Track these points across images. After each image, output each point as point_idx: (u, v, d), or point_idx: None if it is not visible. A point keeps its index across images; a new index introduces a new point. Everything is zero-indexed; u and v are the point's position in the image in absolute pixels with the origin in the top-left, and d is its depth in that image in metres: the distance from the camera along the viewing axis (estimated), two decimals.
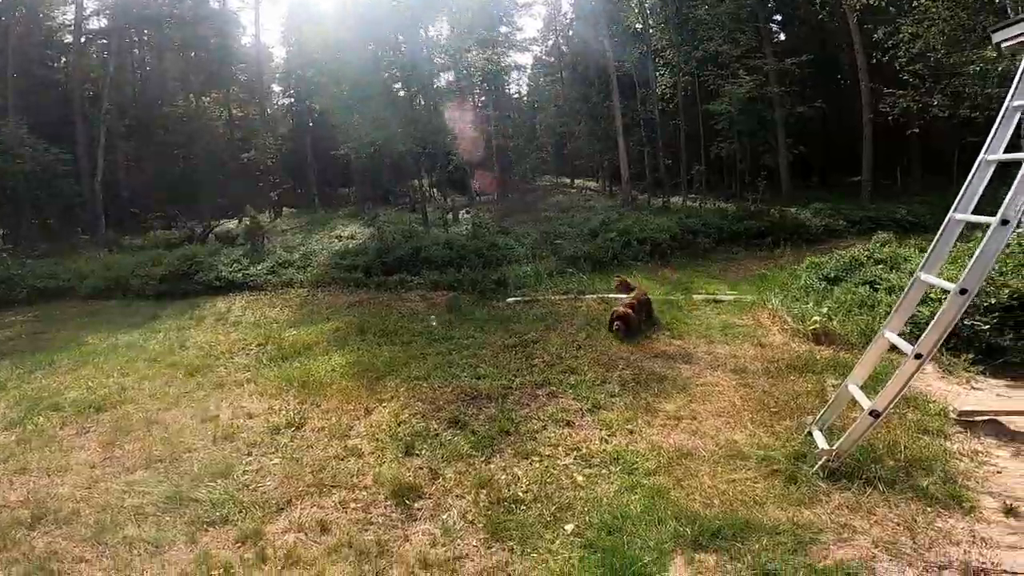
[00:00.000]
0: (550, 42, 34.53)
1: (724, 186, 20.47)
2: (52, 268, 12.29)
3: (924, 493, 3.36)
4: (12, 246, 15.68)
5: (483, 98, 28.43)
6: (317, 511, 3.50)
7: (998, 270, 5.52)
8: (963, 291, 3.12)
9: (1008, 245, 4.43)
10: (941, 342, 3.34)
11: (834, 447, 3.60)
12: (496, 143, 25.41)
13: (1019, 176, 2.96)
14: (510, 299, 9.05)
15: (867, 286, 7.21)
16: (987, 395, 4.76)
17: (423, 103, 23.67)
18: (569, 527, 3.27)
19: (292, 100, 29.04)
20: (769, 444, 4.02)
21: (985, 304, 5.31)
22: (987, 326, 5.22)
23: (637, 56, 20.21)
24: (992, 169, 3.33)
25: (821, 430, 3.89)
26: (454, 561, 3.03)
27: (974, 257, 3.11)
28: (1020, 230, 4.84)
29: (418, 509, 3.52)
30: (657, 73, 20.20)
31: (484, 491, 3.63)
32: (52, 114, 18.57)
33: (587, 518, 3.32)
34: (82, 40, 20.13)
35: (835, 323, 6.38)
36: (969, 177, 3.38)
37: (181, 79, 24.24)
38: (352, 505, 3.57)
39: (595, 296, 8.77)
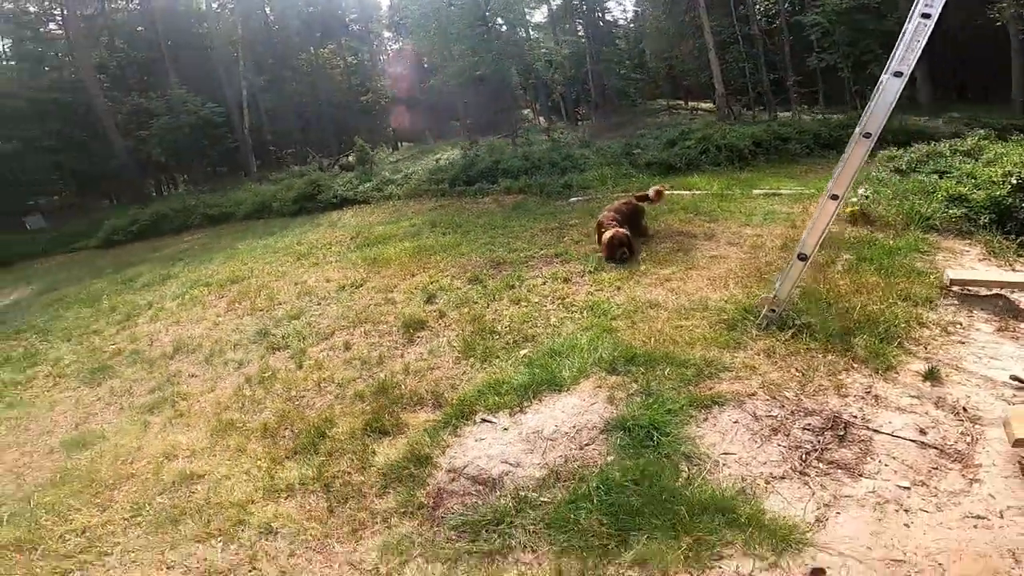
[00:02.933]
0: None
1: (838, 99, 18.37)
2: (217, 199, 15.29)
3: (849, 349, 3.42)
4: (189, 186, 19.63)
5: (581, 29, 28.05)
6: (347, 337, 4.68)
7: None
8: (867, 135, 3.29)
9: None
10: (851, 183, 3.50)
11: (772, 294, 3.80)
12: (594, 69, 25.13)
13: (879, 87, 3.15)
14: (572, 199, 9.69)
15: (936, 175, 6.74)
16: (1003, 272, 4.56)
17: (523, 35, 24.04)
18: (523, 352, 3.93)
19: (401, 44, 30.80)
20: (738, 299, 4.28)
21: None
22: None
23: None
24: None
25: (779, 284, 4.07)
26: (428, 370, 3.91)
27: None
28: None
29: (419, 337, 4.52)
30: None
31: (472, 326, 4.50)
32: (203, 75, 22.06)
33: (541, 347, 3.93)
34: (214, 6, 23.08)
35: (880, 207, 6.20)
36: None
37: (302, 34, 26.90)
38: (373, 334, 4.69)
39: None
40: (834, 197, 3.47)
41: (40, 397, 4.57)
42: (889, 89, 3.34)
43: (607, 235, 5.59)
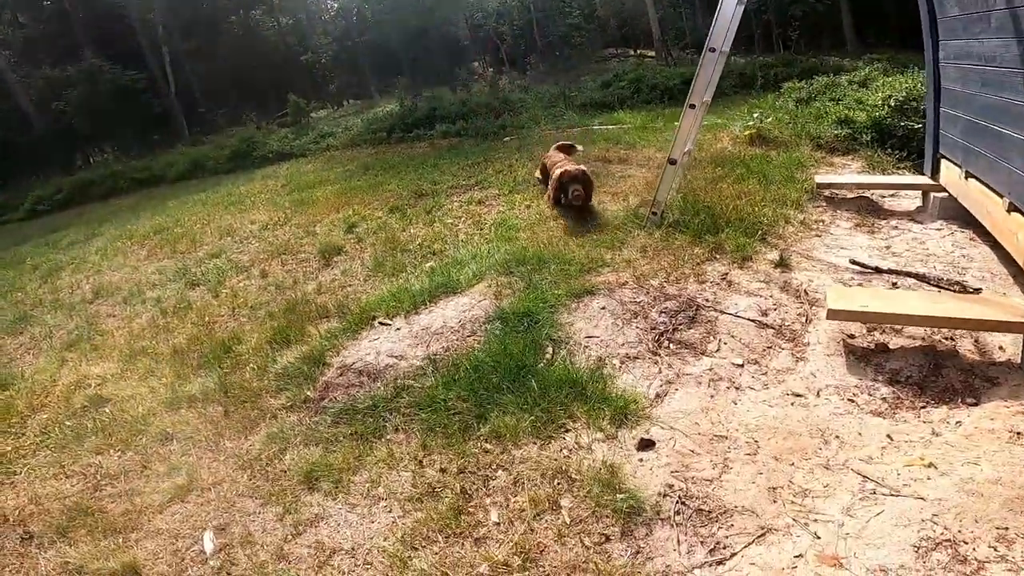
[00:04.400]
0: None
1: (767, 44, 18.74)
2: (146, 163, 14.68)
3: (713, 244, 3.71)
4: (119, 154, 18.72)
5: None
6: (265, 267, 4.79)
7: None
8: (692, 106, 3.96)
9: None
10: (710, 91, 4.01)
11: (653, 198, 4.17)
12: (539, 18, 24.88)
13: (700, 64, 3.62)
14: (506, 139, 9.79)
15: (833, 103, 7.23)
16: (863, 176, 5.04)
17: None
18: (429, 264, 4.17)
19: (340, 2, 29.52)
20: (632, 209, 4.57)
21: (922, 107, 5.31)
22: (919, 125, 5.30)
23: None
24: None
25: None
26: (340, 288, 4.10)
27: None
28: None
29: (336, 261, 4.69)
30: None
31: (386, 247, 4.67)
32: (121, 43, 20.75)
33: (446, 259, 4.15)
34: None
35: (776, 130, 6.64)
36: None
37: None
38: (290, 263, 4.82)
39: (581, 128, 9.28)
40: (692, 107, 3.81)
41: None
42: (707, 63, 3.78)
43: (557, 172, 4.73)
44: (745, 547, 1.79)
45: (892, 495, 1.87)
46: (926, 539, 1.67)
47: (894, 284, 3.34)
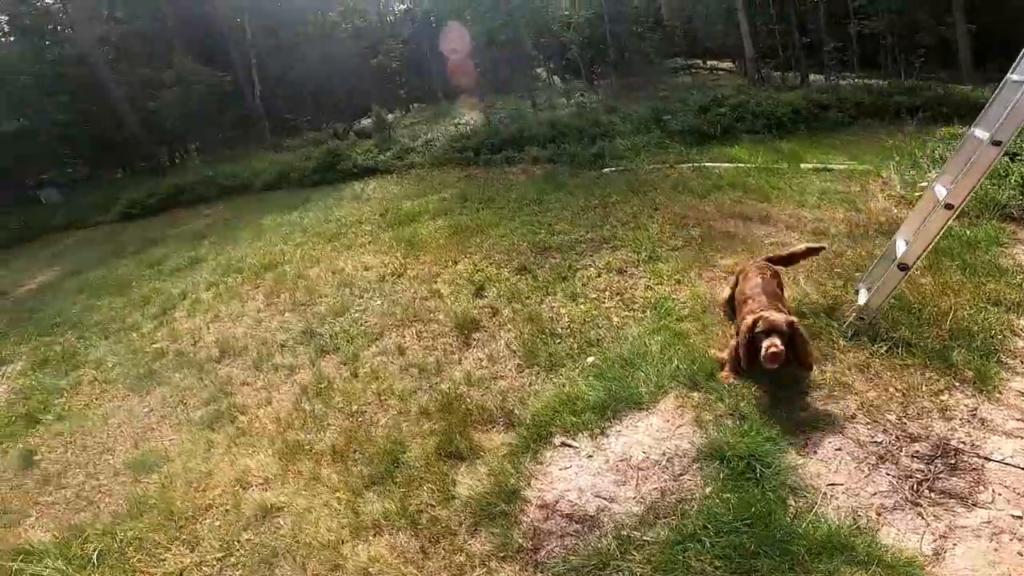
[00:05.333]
0: None
1: (877, 65, 17.47)
2: (234, 170, 14.92)
3: (948, 366, 3.15)
4: (202, 154, 19.26)
5: None
6: (399, 339, 4.47)
7: None
8: (996, 143, 2.91)
9: None
10: (971, 194, 3.14)
11: (865, 302, 3.51)
12: (612, 29, 24.27)
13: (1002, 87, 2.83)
14: (605, 170, 9.29)
15: (1007, 157, 6.27)
16: None
17: None
18: (591, 359, 3.73)
19: (408, 5, 29.73)
20: (814, 301, 4.02)
21: None
22: None
23: None
24: None
25: (868, 288, 3.73)
26: (490, 380, 3.73)
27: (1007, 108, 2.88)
28: None
29: (475, 339, 4.30)
30: None
31: (530, 325, 4.27)
32: (209, 43, 21.32)
33: (608, 353, 3.73)
34: None
35: None
36: None
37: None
38: (425, 335, 4.48)
39: (690, 165, 8.66)
40: (949, 206, 3.11)
41: (90, 407, 4.42)
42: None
43: (749, 317, 3.17)
44: None
45: None
46: None
47: None
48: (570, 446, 3.05)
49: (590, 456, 2.96)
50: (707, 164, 8.56)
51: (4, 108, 17.76)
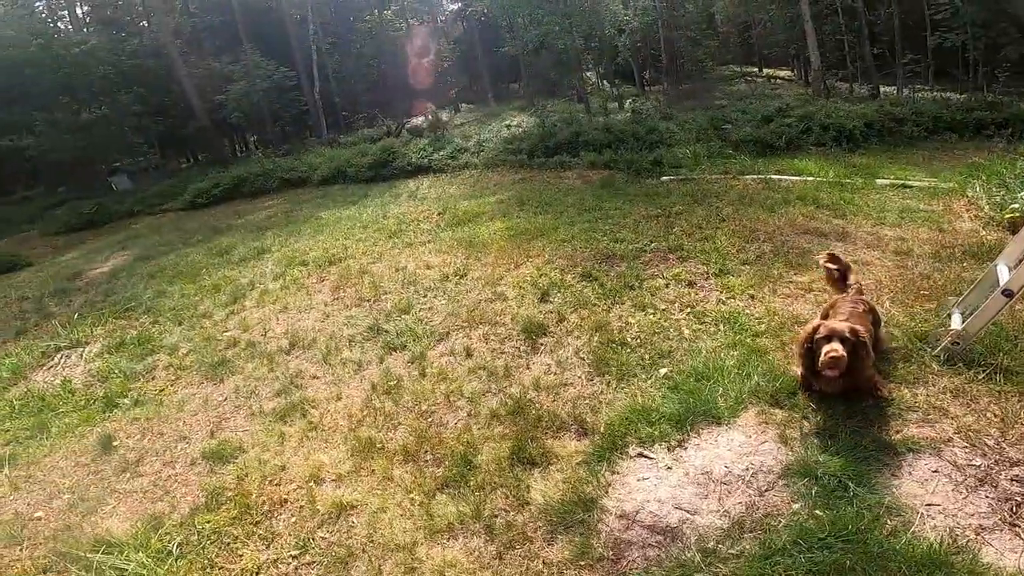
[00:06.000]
0: None
1: (953, 78, 16.56)
2: (293, 163, 15.41)
3: None
4: (264, 148, 20.01)
5: None
6: (466, 341, 4.46)
7: None
8: None
9: None
10: None
11: (962, 327, 3.32)
12: (664, 34, 23.90)
13: None
14: (664, 178, 9.12)
15: None
16: None
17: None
18: (663, 371, 3.65)
19: (459, 4, 30.08)
20: (901, 323, 3.84)
21: None
22: None
23: None
24: None
25: (962, 313, 3.57)
26: (560, 387, 3.69)
27: None
28: None
29: (542, 344, 4.26)
30: None
31: (598, 334, 4.21)
32: (273, 38, 22.12)
33: (682, 365, 3.65)
34: None
35: None
36: None
37: None
38: (492, 338, 4.46)
39: (755, 177, 8.39)
40: None
41: (166, 393, 4.53)
42: None
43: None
44: None
45: None
46: None
47: None
48: (647, 457, 3.00)
49: (669, 468, 2.90)
50: (774, 176, 8.28)
51: (85, 98, 18.88)
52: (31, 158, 19.90)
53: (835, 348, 2.89)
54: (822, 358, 2.91)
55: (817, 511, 2.47)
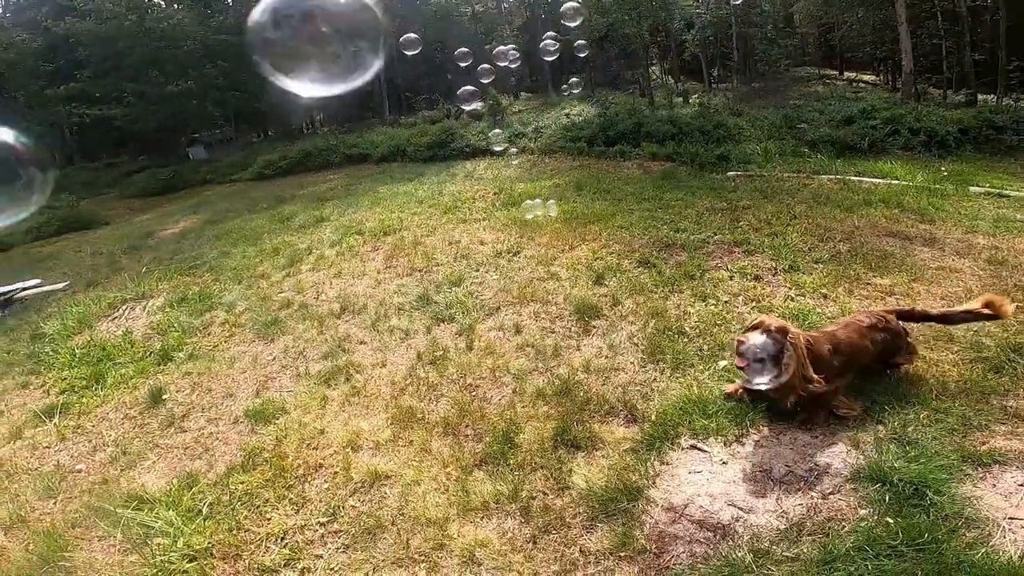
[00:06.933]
0: None
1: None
2: (355, 140, 15.75)
3: None
4: (329, 125, 20.60)
5: None
6: (516, 317, 4.36)
7: None
8: None
9: None
10: None
11: None
12: (737, 31, 22.87)
13: None
14: (730, 173, 8.70)
15: None
16: None
17: None
18: (723, 363, 3.43)
19: None
20: (993, 332, 3.50)
21: None
22: None
23: None
24: None
25: None
26: (610, 371, 3.54)
27: None
28: None
29: (594, 327, 4.11)
30: None
31: (654, 320, 4.02)
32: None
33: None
34: None
35: None
36: None
37: None
38: (543, 316, 4.34)
39: (832, 177, 7.86)
40: None
41: (218, 349, 4.62)
42: None
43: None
44: None
45: None
46: None
47: None
48: (701, 450, 2.82)
49: (724, 463, 2.73)
50: (853, 177, 7.73)
51: (172, 71, 19.90)
52: (118, 127, 21.24)
53: (746, 336, 2.78)
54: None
55: (888, 518, 2.28)
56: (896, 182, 7.43)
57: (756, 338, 2.73)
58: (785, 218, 5.94)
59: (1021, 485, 2.41)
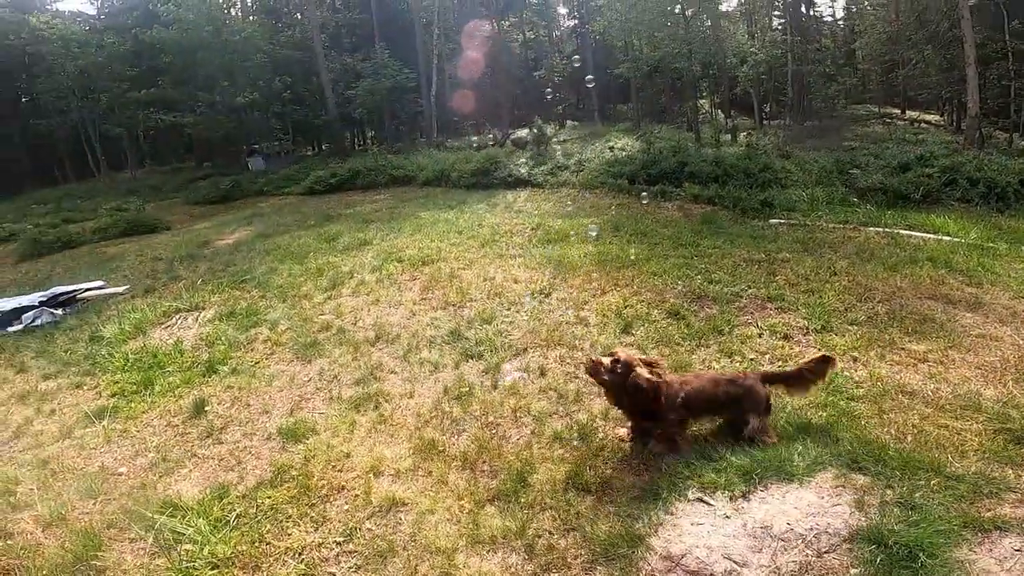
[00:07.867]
0: None
1: None
2: (402, 162, 16.35)
3: None
4: (379, 144, 21.42)
5: (777, 20, 25.51)
6: (541, 360, 4.46)
7: None
8: None
9: None
10: None
11: None
12: (793, 68, 22.64)
13: None
14: (772, 220, 8.61)
15: None
16: None
17: (707, 23, 22.54)
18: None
19: (576, 21, 30.43)
20: (1022, 404, 3.46)
21: None
22: None
23: None
24: None
25: None
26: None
27: None
28: None
29: None
30: None
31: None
32: (401, 39, 23.57)
33: None
34: None
35: None
36: None
37: (486, 4, 27.56)
38: (568, 361, 4.43)
39: (880, 230, 7.68)
40: None
41: (259, 366, 4.89)
42: None
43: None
44: None
45: None
46: None
47: None
48: (706, 503, 2.86)
49: (727, 517, 2.76)
50: (902, 231, 7.54)
51: (243, 82, 21.16)
52: (188, 134, 22.67)
53: (597, 359, 3.18)
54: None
55: None
56: (947, 238, 7.20)
57: (598, 358, 3.18)
58: (824, 274, 5.87)
59: (1017, 550, 2.42)
